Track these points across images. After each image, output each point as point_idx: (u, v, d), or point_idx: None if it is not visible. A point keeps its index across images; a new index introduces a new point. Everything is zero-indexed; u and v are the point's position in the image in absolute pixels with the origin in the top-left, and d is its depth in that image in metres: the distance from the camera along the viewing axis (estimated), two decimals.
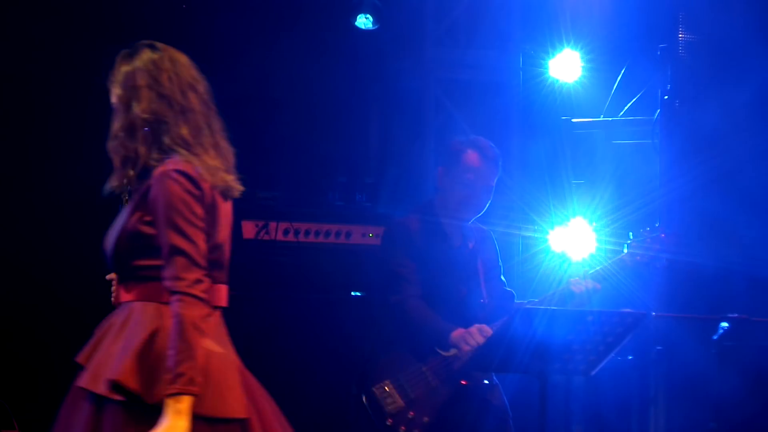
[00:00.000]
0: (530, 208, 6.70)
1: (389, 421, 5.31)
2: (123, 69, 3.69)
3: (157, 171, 3.55)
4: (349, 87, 7.34)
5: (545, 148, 7.03)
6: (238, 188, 3.73)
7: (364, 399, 5.33)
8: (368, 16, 7.10)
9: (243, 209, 6.67)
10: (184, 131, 3.63)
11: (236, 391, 3.56)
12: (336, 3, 7.28)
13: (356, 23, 7.13)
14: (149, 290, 3.55)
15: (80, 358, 3.56)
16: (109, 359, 3.48)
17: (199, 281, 3.48)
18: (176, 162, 3.57)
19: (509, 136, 7.06)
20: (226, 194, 3.69)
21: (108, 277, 3.75)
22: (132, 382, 3.42)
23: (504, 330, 4.68)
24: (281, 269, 6.67)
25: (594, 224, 6.34)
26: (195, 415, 3.41)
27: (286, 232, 6.69)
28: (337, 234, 6.81)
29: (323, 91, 7.21)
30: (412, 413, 5.35)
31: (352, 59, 7.32)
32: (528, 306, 5.24)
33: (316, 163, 7.18)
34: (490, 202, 5.43)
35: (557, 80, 7.08)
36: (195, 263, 3.49)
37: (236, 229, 6.53)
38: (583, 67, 7.02)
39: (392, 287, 5.35)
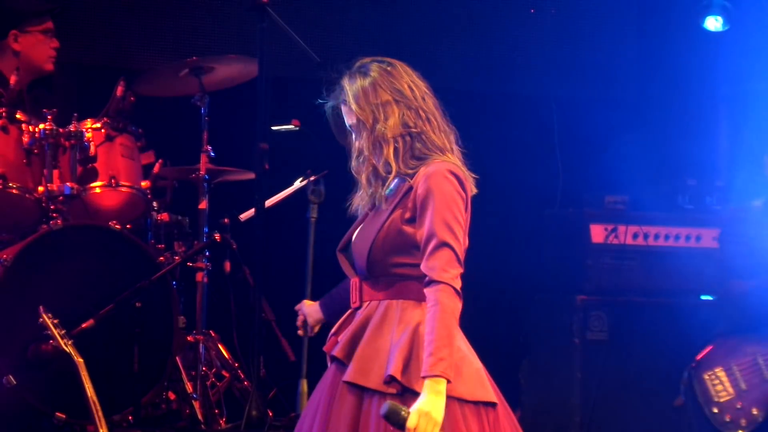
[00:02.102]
0: None
1: (715, 410, 5.29)
2: (358, 85, 3.73)
3: (426, 172, 3.64)
4: (697, 88, 7.28)
5: None
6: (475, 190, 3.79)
7: (685, 378, 5.32)
8: (718, 17, 7.01)
9: (592, 213, 6.74)
10: (434, 137, 3.70)
11: (487, 379, 3.70)
12: (685, 4, 7.24)
13: (705, 25, 7.06)
14: (403, 288, 3.66)
15: (337, 352, 3.66)
16: (378, 355, 3.61)
17: (458, 278, 3.59)
18: (444, 163, 3.66)
19: None
20: None
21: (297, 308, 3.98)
22: (405, 378, 3.56)
23: None
24: (630, 273, 6.68)
25: None
26: (449, 396, 3.54)
27: (635, 235, 6.70)
28: (687, 237, 6.75)
29: (671, 93, 7.18)
30: (740, 404, 5.30)
31: (701, 60, 7.26)
32: None
33: (665, 166, 7.16)
34: None
35: None
36: (458, 260, 3.60)
37: (585, 233, 6.70)
38: None
39: None
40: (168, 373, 5.71)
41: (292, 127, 6.27)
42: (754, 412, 5.34)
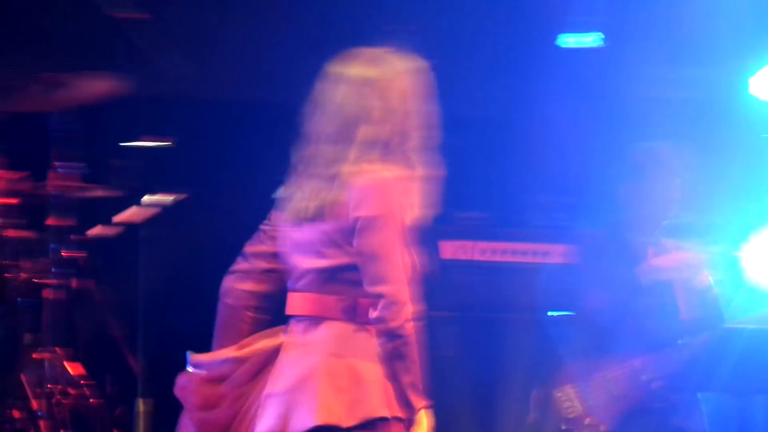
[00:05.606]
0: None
1: (563, 426, 5.39)
2: None
3: None
4: (553, 104, 7.35)
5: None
6: None
7: (534, 396, 5.42)
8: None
9: (441, 229, 6.79)
10: None
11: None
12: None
13: (562, 42, 7.16)
14: None
15: None
16: None
17: None
18: None
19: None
20: None
21: None
22: None
23: (703, 348, 4.71)
24: (479, 289, 6.73)
25: None
26: None
27: (483, 251, 6.76)
28: (535, 254, 6.83)
29: (521, 109, 7.26)
30: (589, 420, 5.40)
31: (558, 77, 7.34)
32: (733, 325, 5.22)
33: (514, 183, 7.22)
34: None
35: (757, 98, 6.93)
36: None
37: (434, 249, 6.73)
38: None
39: None
40: (12, 391, 5.65)
41: (146, 144, 6.27)
42: (602, 428, 5.43)
